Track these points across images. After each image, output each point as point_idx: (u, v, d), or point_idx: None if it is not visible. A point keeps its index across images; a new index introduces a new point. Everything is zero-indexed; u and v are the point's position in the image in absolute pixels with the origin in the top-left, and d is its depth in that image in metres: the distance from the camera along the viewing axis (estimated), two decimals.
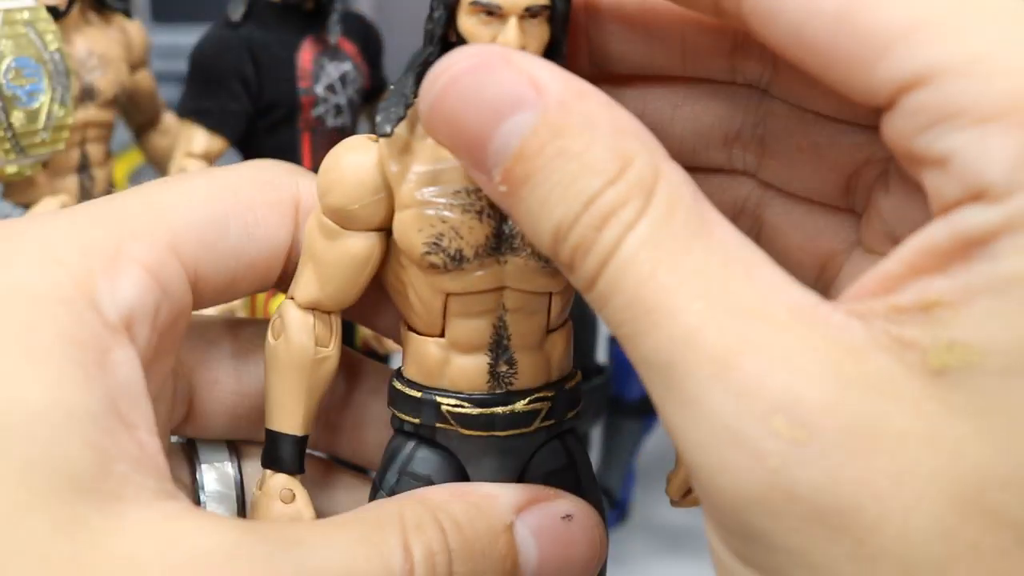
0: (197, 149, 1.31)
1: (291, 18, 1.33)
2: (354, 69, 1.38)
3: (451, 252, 0.39)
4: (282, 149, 1.36)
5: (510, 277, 0.40)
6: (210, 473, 0.43)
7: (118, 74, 1.35)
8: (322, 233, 0.41)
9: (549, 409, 0.42)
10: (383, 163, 0.40)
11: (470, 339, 0.41)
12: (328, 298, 0.42)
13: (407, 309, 0.42)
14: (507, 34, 0.37)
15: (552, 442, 0.43)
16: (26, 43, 1.26)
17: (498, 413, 0.41)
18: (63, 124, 1.28)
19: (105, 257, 0.34)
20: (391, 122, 0.39)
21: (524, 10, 0.37)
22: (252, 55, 1.32)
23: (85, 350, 0.32)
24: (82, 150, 1.35)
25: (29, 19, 1.25)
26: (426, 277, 0.40)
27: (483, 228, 0.39)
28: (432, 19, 0.39)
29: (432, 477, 0.41)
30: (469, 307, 0.40)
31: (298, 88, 1.33)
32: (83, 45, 1.32)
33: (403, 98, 0.39)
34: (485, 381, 0.41)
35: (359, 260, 0.41)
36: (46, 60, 1.27)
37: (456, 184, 0.39)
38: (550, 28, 0.38)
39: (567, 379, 0.43)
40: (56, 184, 1.32)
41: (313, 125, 1.36)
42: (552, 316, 0.42)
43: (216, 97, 1.31)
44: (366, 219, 0.40)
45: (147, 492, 0.31)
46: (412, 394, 0.42)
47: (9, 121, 1.24)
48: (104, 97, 1.34)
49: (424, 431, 0.42)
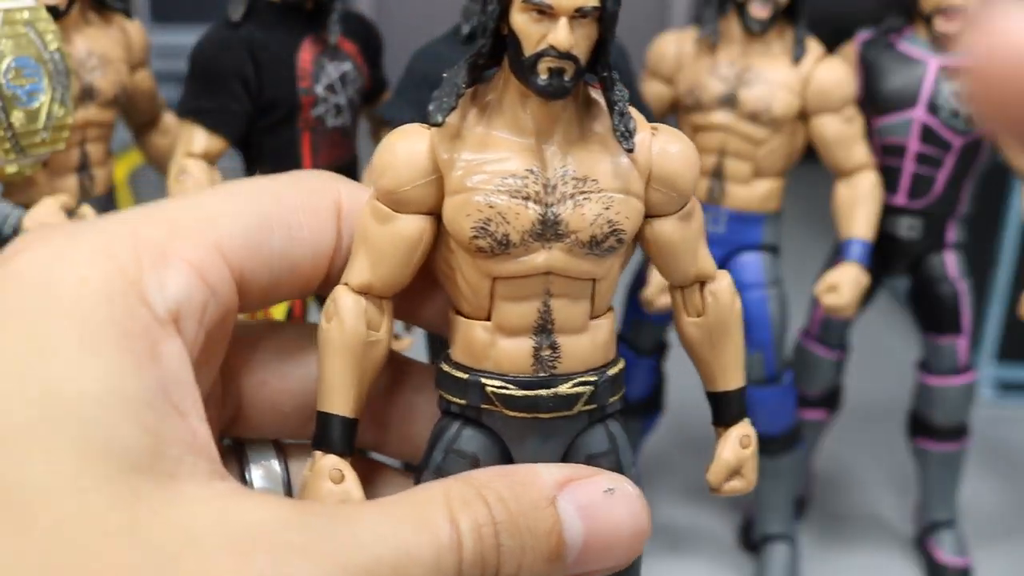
0: (197, 149, 1.30)
1: (291, 18, 1.33)
2: (354, 69, 1.38)
3: (498, 237, 0.40)
4: (282, 149, 1.38)
5: (555, 263, 0.41)
6: (258, 471, 0.45)
7: (118, 74, 1.34)
8: (375, 217, 0.42)
9: (592, 394, 0.42)
10: (434, 150, 0.41)
11: (515, 322, 0.42)
12: (380, 281, 0.42)
13: (455, 293, 0.43)
14: (558, 33, 0.38)
15: (595, 426, 0.43)
16: (26, 43, 1.26)
17: (541, 395, 0.42)
18: (63, 124, 1.28)
19: (154, 254, 0.36)
20: (443, 112, 0.40)
21: (575, 10, 0.38)
22: (252, 55, 1.31)
23: (136, 340, 0.33)
24: (82, 150, 1.35)
25: (29, 19, 1.25)
26: (474, 261, 0.41)
27: (529, 214, 0.40)
28: (486, 12, 0.40)
29: (478, 455, 0.42)
30: (515, 291, 0.41)
31: (298, 88, 1.33)
32: (83, 45, 1.32)
33: (455, 88, 0.40)
34: (529, 364, 0.42)
35: (410, 242, 0.42)
36: (46, 60, 1.27)
37: (504, 171, 0.40)
38: (599, 28, 0.39)
39: (610, 365, 0.43)
40: (56, 184, 1.32)
41: (313, 125, 1.35)
42: (596, 303, 0.42)
43: (216, 97, 1.31)
44: (417, 202, 0.41)
45: (201, 472, 0.33)
46: (459, 376, 0.43)
47: (9, 121, 1.25)
48: (104, 97, 1.34)
49: (470, 412, 0.43)
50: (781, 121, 1.43)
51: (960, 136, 1.47)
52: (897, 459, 1.89)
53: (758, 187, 1.49)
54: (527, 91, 0.40)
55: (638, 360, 1.63)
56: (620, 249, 0.42)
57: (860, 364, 1.91)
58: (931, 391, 1.62)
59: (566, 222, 0.40)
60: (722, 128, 1.45)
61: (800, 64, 1.42)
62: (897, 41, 1.49)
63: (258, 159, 1.38)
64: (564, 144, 0.41)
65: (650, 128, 0.42)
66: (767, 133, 1.44)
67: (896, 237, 1.55)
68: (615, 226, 0.41)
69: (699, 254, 0.44)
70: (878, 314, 2.50)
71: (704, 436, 1.96)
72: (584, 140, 0.42)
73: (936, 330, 1.59)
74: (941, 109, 1.46)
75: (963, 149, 1.48)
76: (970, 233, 1.61)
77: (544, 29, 0.39)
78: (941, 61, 1.46)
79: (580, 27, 0.39)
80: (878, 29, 1.52)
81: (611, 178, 0.41)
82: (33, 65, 1.27)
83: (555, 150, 0.41)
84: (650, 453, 1.92)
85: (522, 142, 0.41)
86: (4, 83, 1.24)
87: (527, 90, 0.40)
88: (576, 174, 0.41)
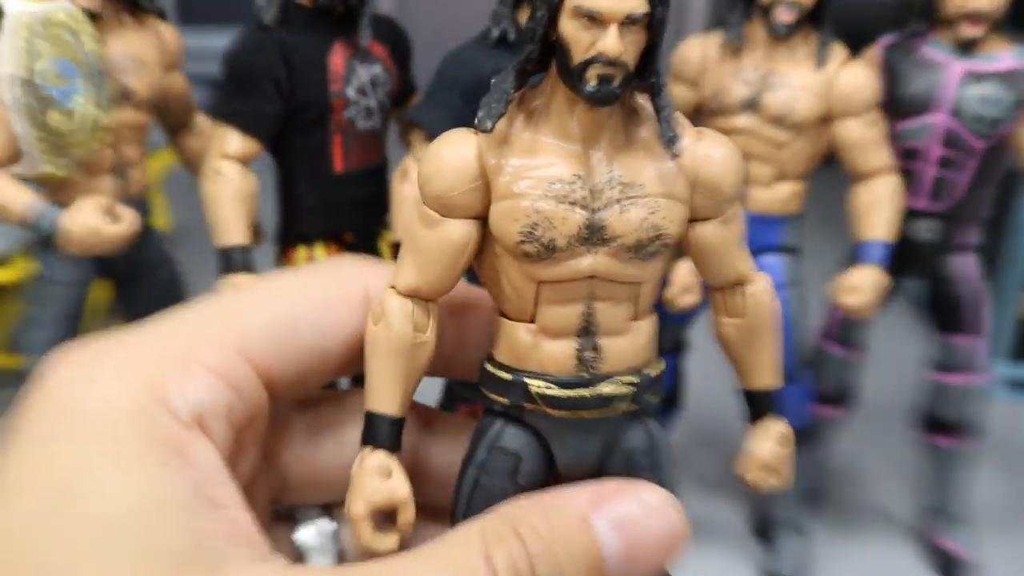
0: (231, 151, 1.32)
1: (322, 22, 1.34)
2: (384, 72, 1.39)
3: (544, 241, 0.40)
4: (313, 151, 1.41)
5: (600, 267, 0.41)
6: (309, 529, 0.45)
7: (152, 76, 1.36)
8: (422, 222, 0.42)
9: (633, 394, 0.42)
10: (482, 155, 0.41)
11: (559, 325, 0.42)
12: (427, 284, 0.42)
13: (500, 296, 0.43)
14: (607, 40, 0.38)
15: (635, 424, 0.43)
16: (64, 45, 1.26)
17: (584, 395, 0.42)
18: (99, 125, 1.30)
19: (176, 365, 0.37)
20: (492, 118, 0.40)
21: (625, 17, 0.38)
22: (285, 58, 1.32)
23: (164, 449, 0.35)
24: (118, 151, 1.36)
25: (65, 20, 1.25)
26: (519, 265, 0.41)
27: (576, 219, 0.40)
28: (535, 19, 0.39)
29: (520, 452, 0.43)
30: (560, 295, 0.41)
31: (329, 91, 1.35)
32: (118, 47, 1.33)
33: (504, 94, 0.40)
34: (572, 365, 0.42)
35: (457, 246, 0.42)
36: (83, 62, 1.27)
37: (551, 177, 0.40)
38: (648, 34, 0.38)
39: (651, 366, 0.43)
40: (92, 184, 1.34)
41: (344, 127, 1.37)
42: (639, 305, 0.42)
43: (249, 99, 1.32)
44: (464, 207, 0.41)
45: (242, 559, 0.34)
46: (502, 376, 0.43)
47: (46, 121, 1.26)
48: (139, 98, 1.36)
49: (513, 411, 0.43)
50: (803, 125, 1.44)
51: (983, 140, 1.47)
52: (907, 455, 1.91)
53: (780, 190, 1.50)
54: (575, 97, 0.40)
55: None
56: (665, 253, 0.42)
57: (875, 363, 1.91)
58: (945, 389, 1.62)
59: (612, 227, 0.40)
60: (745, 132, 1.45)
61: (824, 68, 1.43)
62: (920, 46, 1.49)
63: (291, 161, 1.40)
64: (610, 150, 0.41)
65: (695, 132, 0.42)
66: (790, 136, 1.45)
67: (914, 240, 1.55)
68: (660, 230, 0.41)
69: (739, 257, 0.44)
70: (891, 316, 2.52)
71: (720, 432, 2.00)
72: (630, 145, 0.41)
73: (954, 330, 1.60)
74: (964, 113, 1.46)
75: (986, 152, 1.48)
76: (986, 235, 1.62)
77: (593, 36, 0.38)
78: (965, 66, 1.46)
79: (629, 34, 0.38)
80: (902, 33, 1.52)
81: (656, 183, 0.41)
82: (70, 67, 1.28)
83: (601, 156, 0.41)
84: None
85: (569, 147, 0.41)
86: (42, 85, 1.25)
87: (575, 96, 0.40)
88: (622, 179, 0.41)
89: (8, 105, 1.24)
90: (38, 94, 1.25)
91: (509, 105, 0.40)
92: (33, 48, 1.24)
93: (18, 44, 1.23)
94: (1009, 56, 1.45)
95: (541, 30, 0.39)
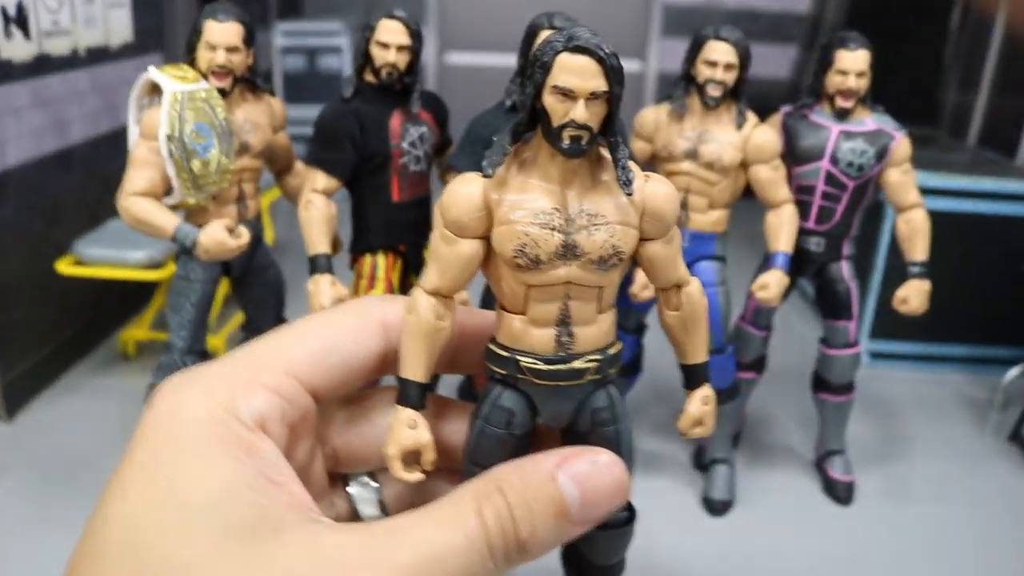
0: (319, 187, 1.36)
1: (386, 95, 1.39)
2: (429, 131, 1.43)
3: (531, 256, 0.40)
4: (378, 186, 1.44)
5: (573, 275, 0.41)
6: (357, 488, 0.45)
7: (265, 135, 1.41)
8: (443, 241, 0.42)
9: (597, 367, 0.42)
10: (486, 192, 0.41)
11: (543, 317, 0.41)
12: (446, 286, 0.42)
13: (500, 295, 0.43)
14: (577, 110, 0.38)
15: (599, 389, 0.43)
16: (203, 114, 1.33)
17: (561, 369, 0.41)
18: (226, 169, 1.35)
19: (243, 386, 0.38)
20: (493, 167, 0.40)
21: (590, 94, 0.38)
22: (359, 121, 1.37)
23: (235, 446, 0.36)
24: (239, 188, 1.41)
25: (205, 97, 1.33)
26: (513, 273, 0.41)
27: (555, 240, 0.40)
28: (524, 93, 0.39)
29: (513, 409, 0.43)
30: (543, 295, 0.41)
31: (390, 144, 1.39)
32: (241, 114, 1.38)
33: (502, 149, 0.40)
34: (552, 346, 0.41)
35: (468, 258, 0.42)
36: (216, 125, 1.33)
37: (537, 208, 0.40)
38: (607, 106, 0.38)
39: (611, 346, 0.43)
40: (221, 211, 1.39)
41: (400, 170, 1.41)
42: (602, 302, 0.42)
43: (333, 150, 1.37)
44: (473, 229, 0.41)
45: (297, 522, 0.34)
46: (502, 353, 0.42)
47: (190, 167, 1.32)
48: (255, 151, 1.40)
49: (509, 379, 0.42)
50: (729, 169, 1.47)
51: (853, 180, 1.51)
52: (804, 408, 1.92)
53: (712, 215, 1.52)
54: (554, 151, 0.39)
55: (625, 336, 1.66)
56: (620, 265, 0.41)
57: (779, 339, 1.95)
58: (830, 359, 1.65)
59: (582, 246, 0.40)
60: (687, 173, 1.48)
61: (742, 129, 1.46)
62: (809, 113, 1.53)
63: (361, 194, 1.44)
64: (581, 189, 0.40)
65: (644, 175, 0.42)
66: (719, 177, 1.48)
67: (806, 251, 1.58)
68: (618, 249, 0.40)
69: (678, 266, 0.44)
70: (790, 305, 2.57)
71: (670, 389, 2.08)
72: (595, 186, 0.40)
73: (834, 317, 1.62)
74: (840, 161, 1.50)
75: (855, 189, 1.52)
76: (857, 247, 1.65)
77: (567, 107, 0.38)
78: (841, 128, 1.50)
79: (594, 105, 0.38)
80: (795, 105, 1.56)
81: (615, 213, 0.40)
82: (207, 129, 1.33)
83: (574, 194, 0.40)
84: (631, 402, 1.97)
85: (550, 188, 0.40)
86: (188, 142, 1.31)
87: (554, 151, 0.39)
88: (589, 211, 0.40)
89: (163, 156, 1.31)
90: (184, 148, 1.32)
91: (506, 157, 0.40)
92: (182, 115, 1.31)
93: (172, 113, 1.31)
94: (871, 121, 1.50)
95: (530, 102, 0.39)
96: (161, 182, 1.30)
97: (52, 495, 1.66)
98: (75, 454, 1.79)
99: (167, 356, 1.43)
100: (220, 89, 1.32)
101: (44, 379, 2.06)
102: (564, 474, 0.38)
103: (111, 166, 2.12)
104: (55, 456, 1.79)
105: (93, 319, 2.25)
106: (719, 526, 1.65)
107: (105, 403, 2.00)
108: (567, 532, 0.38)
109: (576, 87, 0.37)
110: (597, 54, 0.37)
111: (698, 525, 1.65)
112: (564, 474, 0.38)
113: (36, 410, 1.98)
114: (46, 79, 1.93)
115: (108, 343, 2.29)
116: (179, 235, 1.30)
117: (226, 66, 1.30)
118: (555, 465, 0.38)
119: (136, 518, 0.33)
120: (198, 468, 0.34)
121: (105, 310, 2.29)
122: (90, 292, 2.18)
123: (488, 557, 0.35)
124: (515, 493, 0.37)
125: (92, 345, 2.26)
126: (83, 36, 2.06)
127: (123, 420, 1.94)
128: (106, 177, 2.14)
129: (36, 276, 1.98)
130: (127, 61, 2.30)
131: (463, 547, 0.35)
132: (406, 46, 1.34)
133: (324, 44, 3.54)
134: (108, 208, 2.00)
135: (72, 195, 2.10)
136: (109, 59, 2.20)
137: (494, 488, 0.37)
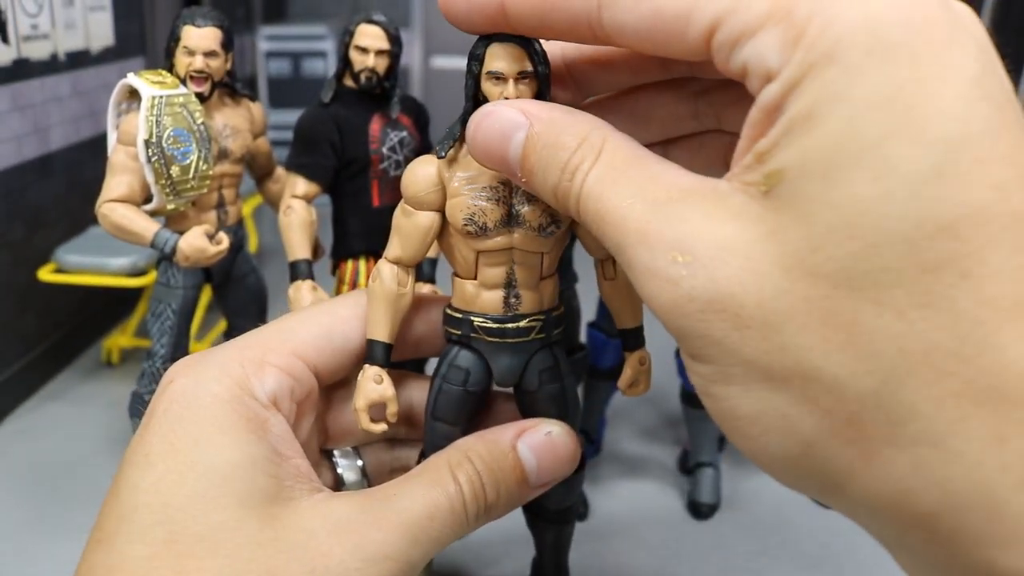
0: (299, 192, 1.37)
1: (365, 100, 1.39)
2: (409, 135, 1.43)
3: (479, 224, 0.43)
4: (358, 192, 1.43)
5: (517, 242, 0.44)
6: (342, 461, 0.49)
7: (245, 140, 1.41)
8: (403, 214, 0.46)
9: (541, 326, 0.46)
10: (440, 170, 0.44)
11: (492, 280, 0.45)
12: (406, 255, 0.46)
13: (454, 262, 0.47)
14: (507, 90, 0.41)
15: (544, 349, 0.47)
16: (181, 118, 1.33)
17: (509, 327, 0.45)
18: (206, 175, 1.36)
19: (255, 366, 0.40)
20: (445, 149, 0.44)
21: (517, 74, 0.41)
22: (338, 126, 1.38)
23: (251, 423, 0.38)
24: (219, 193, 1.41)
25: (183, 102, 1.33)
26: (465, 240, 0.45)
27: (499, 210, 0.43)
28: (467, 85, 0.43)
29: (469, 367, 0.47)
30: (491, 260, 0.45)
31: (370, 149, 1.39)
32: (220, 119, 1.39)
33: (452, 135, 0.44)
34: (501, 307, 0.45)
35: (424, 229, 0.45)
36: (195, 130, 1.34)
37: (483, 183, 0.43)
38: (536, 84, 0.42)
39: (554, 309, 0.47)
40: (201, 217, 1.39)
41: (380, 175, 1.41)
42: (544, 268, 0.46)
43: (313, 155, 1.37)
44: (429, 203, 0.45)
45: (306, 491, 0.38)
46: (456, 316, 0.46)
47: (169, 173, 1.32)
48: (235, 156, 1.41)
49: (464, 339, 0.46)
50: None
51: None
52: None
53: None
54: None
55: (610, 341, 1.66)
56: (558, 232, 0.45)
57: None
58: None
59: (523, 215, 0.44)
60: None
61: None
62: None
63: (341, 199, 1.45)
64: None
65: None
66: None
67: None
68: (555, 218, 0.44)
69: None
70: None
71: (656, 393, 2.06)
72: None
73: None
74: None
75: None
76: None
77: (501, 89, 0.41)
78: None
79: (523, 85, 0.41)
80: None
81: None
82: (185, 134, 1.34)
83: None
84: (616, 405, 1.98)
85: None
86: (166, 147, 1.32)
87: None
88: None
89: (142, 161, 1.32)
90: (163, 153, 1.32)
91: (456, 141, 0.44)
92: (160, 120, 1.32)
93: (150, 118, 1.31)
94: None
95: (471, 92, 0.43)
96: (140, 188, 1.31)
97: (36, 502, 1.67)
98: (59, 461, 1.80)
99: (149, 363, 1.43)
100: (199, 94, 1.33)
101: (28, 387, 2.06)
102: (523, 444, 0.43)
103: (93, 172, 2.13)
104: (39, 463, 1.80)
105: (77, 326, 2.25)
106: (705, 529, 1.66)
107: (89, 410, 2.01)
108: (526, 495, 0.43)
109: (504, 70, 0.41)
110: (521, 40, 0.40)
111: (684, 528, 1.66)
112: (523, 444, 0.43)
113: (19, 418, 1.98)
114: (26, 84, 1.93)
115: (92, 351, 2.30)
116: (158, 241, 1.31)
117: (204, 71, 1.31)
118: (514, 436, 0.43)
119: (167, 484, 0.35)
120: (221, 441, 0.37)
121: (89, 317, 2.29)
122: (73, 299, 2.18)
123: (463, 516, 0.39)
124: (481, 462, 0.41)
125: (76, 353, 2.26)
126: (63, 40, 2.06)
127: (107, 427, 1.94)
128: (88, 183, 2.15)
129: (18, 284, 1.98)
130: (108, 65, 2.30)
131: (446, 507, 0.39)
132: (385, 50, 1.35)
133: (309, 48, 3.55)
134: (90, 215, 1.92)
135: (53, 202, 2.09)
136: (90, 63, 2.19)
137: (464, 457, 0.41)
